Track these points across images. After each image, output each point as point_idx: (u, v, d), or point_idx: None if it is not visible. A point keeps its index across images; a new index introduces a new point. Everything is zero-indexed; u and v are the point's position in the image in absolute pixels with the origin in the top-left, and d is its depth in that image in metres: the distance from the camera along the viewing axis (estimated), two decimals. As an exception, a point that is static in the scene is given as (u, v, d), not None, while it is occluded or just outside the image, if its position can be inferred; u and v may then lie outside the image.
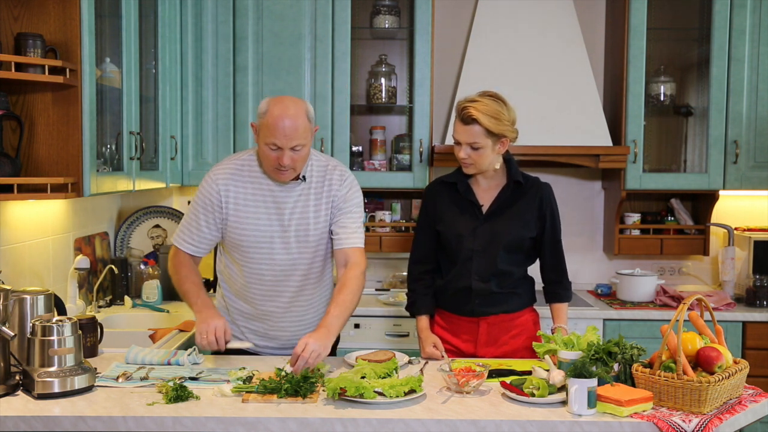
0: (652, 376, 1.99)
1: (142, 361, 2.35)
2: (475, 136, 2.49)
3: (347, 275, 2.40)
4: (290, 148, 2.28)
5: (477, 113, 2.47)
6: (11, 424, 1.90)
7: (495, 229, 2.59)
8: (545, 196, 2.63)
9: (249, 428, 1.91)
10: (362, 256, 2.47)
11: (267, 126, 2.29)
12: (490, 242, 2.58)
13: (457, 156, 2.58)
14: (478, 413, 1.95)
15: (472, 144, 2.51)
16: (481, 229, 2.59)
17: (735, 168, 3.74)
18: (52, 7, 2.55)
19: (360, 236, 2.48)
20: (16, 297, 2.21)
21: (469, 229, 2.60)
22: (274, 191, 2.41)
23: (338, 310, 2.32)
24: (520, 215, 2.60)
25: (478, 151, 2.52)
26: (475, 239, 2.58)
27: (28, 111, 2.57)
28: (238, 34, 3.68)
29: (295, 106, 2.31)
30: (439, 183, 2.71)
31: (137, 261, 3.66)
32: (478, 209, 2.61)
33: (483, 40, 3.81)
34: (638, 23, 3.71)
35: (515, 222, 2.60)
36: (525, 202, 2.61)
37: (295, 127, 2.27)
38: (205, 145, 3.72)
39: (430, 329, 2.65)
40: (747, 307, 3.66)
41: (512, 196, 2.61)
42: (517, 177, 2.61)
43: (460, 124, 2.52)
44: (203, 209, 2.43)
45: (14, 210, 2.72)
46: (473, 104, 2.50)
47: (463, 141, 2.52)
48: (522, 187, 2.62)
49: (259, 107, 2.36)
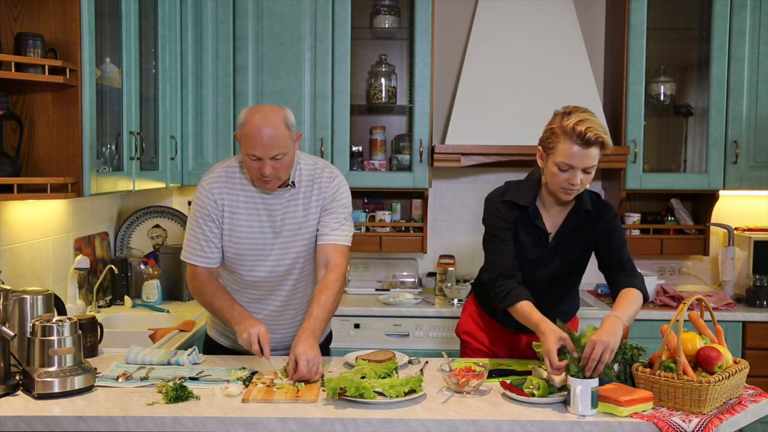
0: (652, 376, 1.99)
1: (142, 361, 2.35)
2: (594, 158, 2.22)
3: (328, 277, 2.36)
4: (271, 158, 2.25)
5: (600, 133, 2.19)
6: (11, 424, 1.90)
7: (558, 258, 2.41)
8: (609, 222, 2.40)
9: (249, 428, 1.91)
10: (343, 256, 2.42)
11: (246, 137, 2.26)
12: (555, 274, 2.42)
13: (561, 184, 2.26)
14: (478, 413, 1.95)
15: (588, 168, 2.23)
16: (547, 257, 2.40)
17: (735, 168, 3.74)
18: (52, 7, 2.55)
19: (342, 234, 2.43)
20: (16, 297, 2.21)
21: (534, 258, 2.40)
22: (264, 198, 2.39)
23: (321, 312, 2.29)
24: (584, 244, 2.42)
25: (590, 174, 2.25)
26: (538, 269, 2.41)
27: (28, 111, 2.57)
28: (238, 34, 3.68)
29: (274, 114, 2.27)
30: (504, 201, 2.41)
31: (137, 261, 3.66)
32: (545, 236, 2.40)
33: (483, 40, 3.81)
34: (638, 23, 3.71)
35: (580, 252, 2.43)
36: (590, 229, 2.40)
37: (274, 136, 2.24)
38: (205, 145, 3.72)
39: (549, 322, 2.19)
40: (747, 307, 3.66)
41: (579, 222, 2.40)
42: (587, 206, 2.38)
43: (579, 147, 2.19)
44: (204, 220, 2.39)
45: (14, 210, 2.72)
46: (588, 123, 2.19)
47: (579, 166, 2.21)
48: (590, 214, 2.40)
49: (239, 117, 2.32)
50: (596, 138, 2.19)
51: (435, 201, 4.12)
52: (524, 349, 2.55)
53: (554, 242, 2.40)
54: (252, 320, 2.29)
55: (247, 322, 2.27)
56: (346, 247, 2.44)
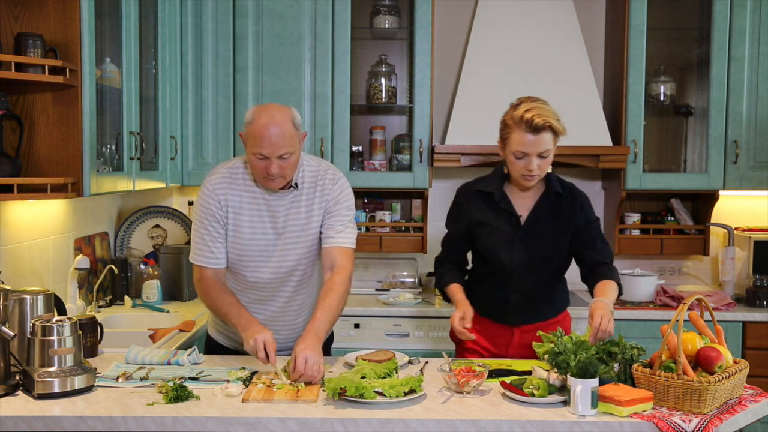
0: (652, 376, 1.99)
1: (142, 361, 2.35)
2: (547, 143, 2.34)
3: (333, 279, 2.35)
4: (278, 157, 2.25)
5: (547, 118, 2.32)
6: (11, 424, 1.90)
7: (533, 241, 2.48)
8: (584, 209, 2.50)
9: (249, 428, 1.91)
10: (349, 258, 2.41)
11: (253, 135, 2.26)
12: (531, 257, 2.48)
13: (520, 171, 2.39)
14: (478, 413, 1.95)
15: (543, 153, 2.35)
16: (519, 242, 2.48)
17: (735, 168, 3.74)
18: (52, 7, 2.55)
19: (347, 236, 2.42)
20: (16, 297, 2.21)
21: (506, 241, 2.48)
22: (267, 199, 2.39)
23: (326, 314, 2.29)
24: (558, 227, 2.49)
25: (547, 159, 2.37)
26: (513, 252, 2.48)
27: (28, 111, 2.57)
28: (238, 34, 3.68)
29: (281, 114, 2.27)
30: (473, 191, 2.57)
31: (137, 261, 3.66)
32: (515, 218, 2.49)
33: (483, 40, 3.81)
34: (638, 23, 3.71)
35: (555, 235, 2.49)
36: (563, 213, 2.48)
37: (282, 135, 2.24)
38: (205, 145, 3.73)
39: (465, 299, 2.52)
40: (747, 307, 3.66)
41: (550, 206, 2.49)
42: (557, 188, 2.48)
43: (529, 135, 2.32)
44: (209, 221, 2.38)
45: (14, 210, 2.72)
46: (536, 110, 2.33)
47: (532, 152, 2.34)
48: (560, 197, 2.49)
49: (245, 116, 2.32)
50: (544, 123, 2.32)
51: (435, 201, 4.11)
52: (518, 345, 2.57)
53: (527, 224, 2.49)
54: (258, 326, 2.26)
55: (253, 329, 2.24)
56: (351, 250, 2.44)
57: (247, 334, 2.24)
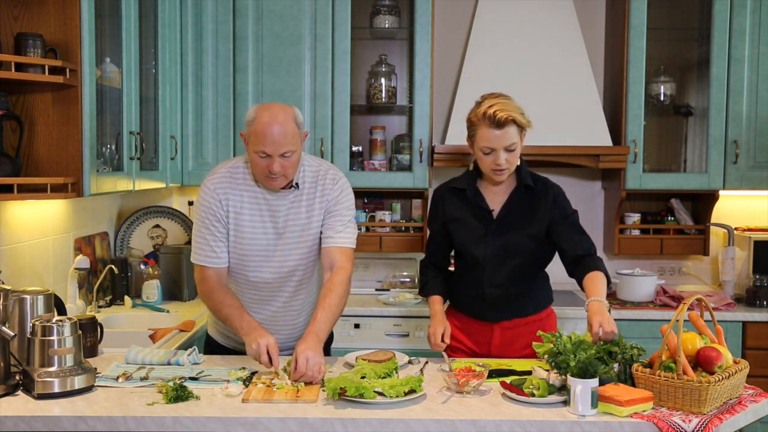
0: (652, 376, 1.99)
1: (142, 361, 2.35)
2: (512, 137, 2.39)
3: (333, 280, 2.35)
4: (280, 155, 2.25)
5: (510, 112, 2.37)
6: (11, 424, 1.90)
7: (507, 234, 2.51)
8: (558, 201, 2.52)
9: (249, 428, 1.91)
10: (348, 258, 2.41)
11: (255, 134, 2.26)
12: (503, 249, 2.51)
13: (489, 166, 2.44)
14: (478, 413, 1.95)
15: (509, 147, 2.40)
16: (492, 236, 2.52)
17: (735, 168, 3.74)
18: (52, 7, 2.55)
19: (347, 236, 2.42)
20: (16, 297, 2.21)
21: (480, 236, 2.53)
22: (268, 199, 2.38)
23: (326, 315, 2.28)
24: (531, 220, 2.51)
25: (514, 152, 2.42)
26: (486, 246, 2.52)
27: (28, 111, 2.57)
28: (238, 34, 3.68)
29: (284, 112, 2.28)
30: (447, 188, 2.62)
31: (137, 261, 3.66)
32: (488, 214, 2.53)
33: (483, 40, 3.81)
34: (638, 23, 3.71)
35: (527, 227, 2.51)
36: (536, 206, 2.51)
37: (284, 133, 2.24)
38: (205, 145, 3.72)
39: (443, 313, 2.59)
40: (747, 307, 3.66)
41: (523, 199, 2.52)
42: (527, 181, 2.51)
43: (493, 130, 2.38)
44: (210, 220, 2.38)
45: (14, 210, 2.72)
46: (497, 106, 2.38)
47: (498, 147, 2.39)
48: (532, 190, 2.52)
49: (246, 115, 2.32)
50: (506, 118, 2.37)
51: (435, 201, 4.11)
52: (499, 342, 2.59)
53: (499, 218, 2.53)
54: (260, 331, 2.25)
55: (256, 333, 2.23)
56: (351, 250, 2.44)
57: (249, 338, 2.23)
